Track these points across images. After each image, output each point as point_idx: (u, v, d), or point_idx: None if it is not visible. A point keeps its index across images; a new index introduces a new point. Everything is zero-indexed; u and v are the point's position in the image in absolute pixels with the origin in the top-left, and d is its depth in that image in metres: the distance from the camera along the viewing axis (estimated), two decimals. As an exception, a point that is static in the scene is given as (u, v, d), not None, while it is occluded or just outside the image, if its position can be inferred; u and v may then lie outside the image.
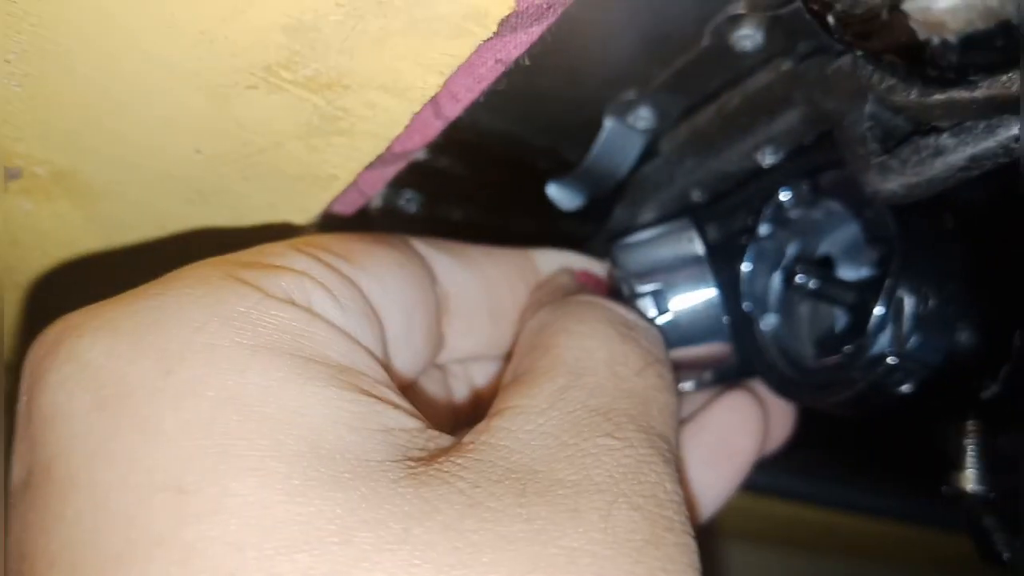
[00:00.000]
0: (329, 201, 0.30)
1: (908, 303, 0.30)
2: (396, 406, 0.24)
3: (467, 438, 0.24)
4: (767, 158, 0.32)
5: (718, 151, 0.34)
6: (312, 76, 0.23)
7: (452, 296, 0.33)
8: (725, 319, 0.36)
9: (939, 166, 0.24)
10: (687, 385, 0.39)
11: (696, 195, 0.36)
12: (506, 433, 0.24)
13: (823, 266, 0.36)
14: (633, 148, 0.38)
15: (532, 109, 0.38)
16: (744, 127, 0.33)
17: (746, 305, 0.35)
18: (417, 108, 0.24)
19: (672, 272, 0.36)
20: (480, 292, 0.34)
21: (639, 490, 0.23)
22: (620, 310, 0.32)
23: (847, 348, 0.31)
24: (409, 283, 0.30)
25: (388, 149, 0.30)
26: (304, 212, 0.31)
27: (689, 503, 0.35)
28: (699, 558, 0.24)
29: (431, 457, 0.23)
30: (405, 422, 0.24)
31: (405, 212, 0.43)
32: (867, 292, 0.32)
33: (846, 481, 0.56)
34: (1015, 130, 0.22)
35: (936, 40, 0.16)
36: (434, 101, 0.27)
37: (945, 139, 0.24)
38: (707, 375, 0.39)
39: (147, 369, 0.21)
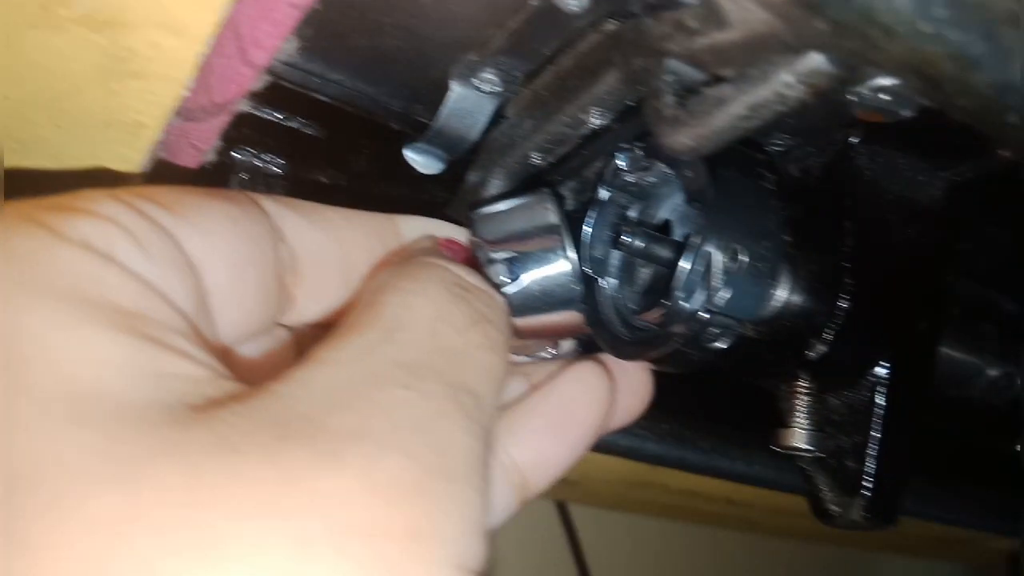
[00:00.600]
0: (146, 150, 0.30)
1: (716, 259, 0.31)
2: (184, 354, 0.24)
3: (260, 387, 0.24)
4: (595, 120, 0.33)
5: (551, 113, 0.34)
6: (88, 13, 0.23)
7: (302, 257, 0.32)
8: (578, 288, 0.36)
9: (722, 117, 0.25)
10: (544, 353, 0.40)
11: (537, 159, 0.36)
12: (297, 383, 0.24)
13: (661, 228, 0.37)
14: (482, 112, 0.38)
15: (380, 70, 0.38)
16: (573, 89, 0.33)
17: (587, 268, 0.36)
18: (202, 48, 0.24)
19: (526, 240, 0.36)
20: (333, 255, 0.33)
21: (421, 440, 0.23)
22: (458, 271, 0.32)
23: (665, 303, 0.32)
24: (241, 239, 0.29)
25: (210, 100, 0.30)
26: (126, 161, 0.31)
27: (526, 470, 0.36)
28: (481, 512, 0.24)
29: (214, 405, 0.23)
30: (189, 370, 0.24)
31: (269, 174, 0.43)
32: (689, 250, 0.32)
33: (716, 448, 0.57)
34: (787, 76, 0.23)
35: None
36: (239, 47, 0.27)
37: (727, 89, 0.24)
38: (569, 344, 0.40)
39: None
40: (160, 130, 0.29)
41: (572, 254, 0.36)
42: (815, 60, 0.22)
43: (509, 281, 0.35)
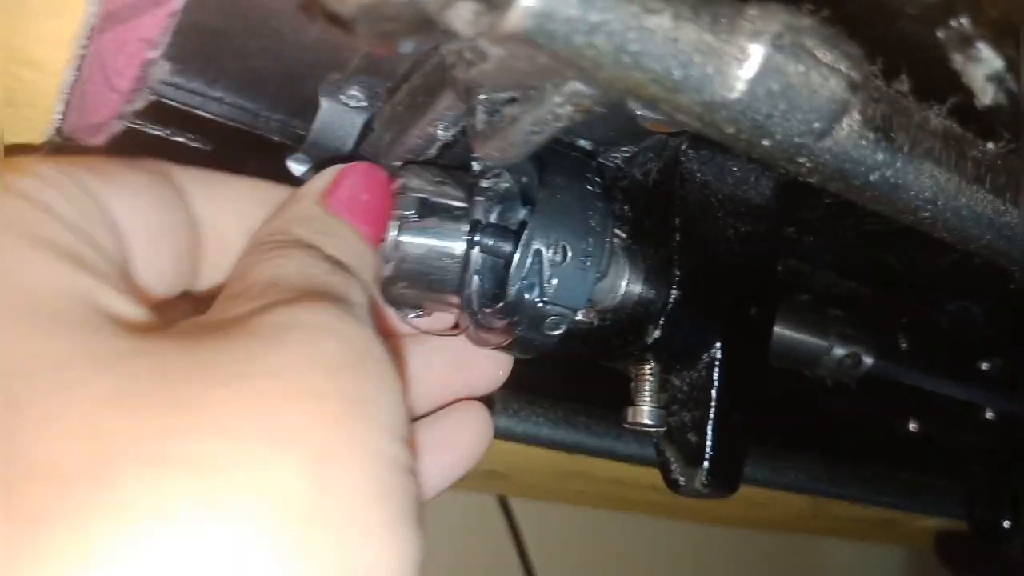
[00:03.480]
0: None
1: (546, 254, 0.35)
2: (125, 295, 0.27)
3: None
4: (441, 133, 0.37)
5: (407, 127, 0.38)
6: (-45, 50, 0.26)
7: (206, 229, 0.34)
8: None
9: (515, 132, 0.29)
10: (412, 315, 0.41)
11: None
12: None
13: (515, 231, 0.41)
14: (352, 125, 0.42)
15: (255, 88, 0.41)
16: (421, 106, 0.37)
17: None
18: (61, 80, 0.28)
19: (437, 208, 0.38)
20: (236, 227, 0.35)
21: (342, 327, 0.27)
22: None
23: (509, 294, 0.36)
24: (157, 207, 0.31)
25: (87, 122, 0.34)
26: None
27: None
28: (405, 408, 0.27)
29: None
30: (129, 308, 0.26)
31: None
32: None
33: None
34: (557, 98, 0.27)
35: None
36: (105, 76, 0.31)
37: (516, 108, 0.28)
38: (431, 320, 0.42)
39: None
40: (43, 149, 0.32)
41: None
42: (575, 84, 0.26)
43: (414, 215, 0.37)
